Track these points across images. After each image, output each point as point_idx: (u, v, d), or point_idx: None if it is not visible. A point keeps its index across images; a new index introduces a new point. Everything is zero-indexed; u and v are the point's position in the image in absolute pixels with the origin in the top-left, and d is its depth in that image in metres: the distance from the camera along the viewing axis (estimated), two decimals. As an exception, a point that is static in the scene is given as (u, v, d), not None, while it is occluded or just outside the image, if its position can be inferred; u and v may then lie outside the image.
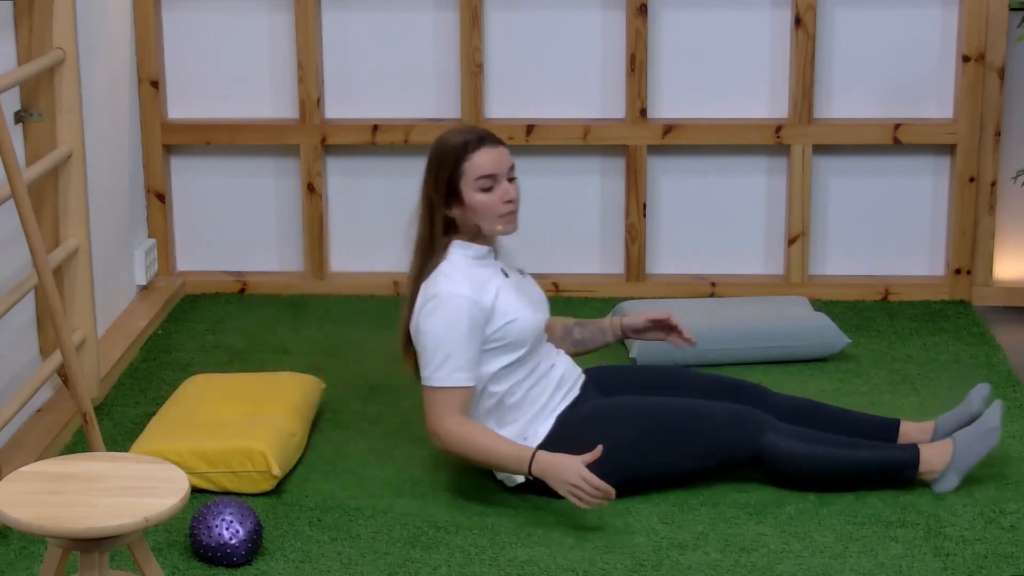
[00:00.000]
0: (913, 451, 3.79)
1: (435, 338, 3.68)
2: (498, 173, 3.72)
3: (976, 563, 3.48)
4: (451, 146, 3.73)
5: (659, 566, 3.48)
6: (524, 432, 3.79)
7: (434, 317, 3.68)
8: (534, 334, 3.78)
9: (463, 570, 3.47)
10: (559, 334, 4.06)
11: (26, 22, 4.14)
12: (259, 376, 4.37)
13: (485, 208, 3.71)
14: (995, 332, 5.02)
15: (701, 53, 5.31)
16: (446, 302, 3.67)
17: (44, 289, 3.50)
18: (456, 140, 3.74)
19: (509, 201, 3.73)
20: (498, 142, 3.76)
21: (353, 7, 5.33)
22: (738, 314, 4.83)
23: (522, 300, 3.80)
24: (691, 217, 5.42)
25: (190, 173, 5.47)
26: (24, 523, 2.70)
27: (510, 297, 3.76)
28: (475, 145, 3.71)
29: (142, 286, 5.29)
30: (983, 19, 5.12)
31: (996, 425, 3.79)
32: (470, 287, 3.70)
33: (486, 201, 3.71)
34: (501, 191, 3.72)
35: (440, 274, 3.72)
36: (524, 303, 3.79)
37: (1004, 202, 5.33)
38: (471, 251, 3.77)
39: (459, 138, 3.74)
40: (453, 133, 3.78)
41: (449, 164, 3.72)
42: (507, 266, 3.88)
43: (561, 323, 4.08)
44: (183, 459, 3.77)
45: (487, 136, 3.75)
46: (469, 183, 3.71)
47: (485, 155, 3.71)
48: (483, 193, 3.71)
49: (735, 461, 3.79)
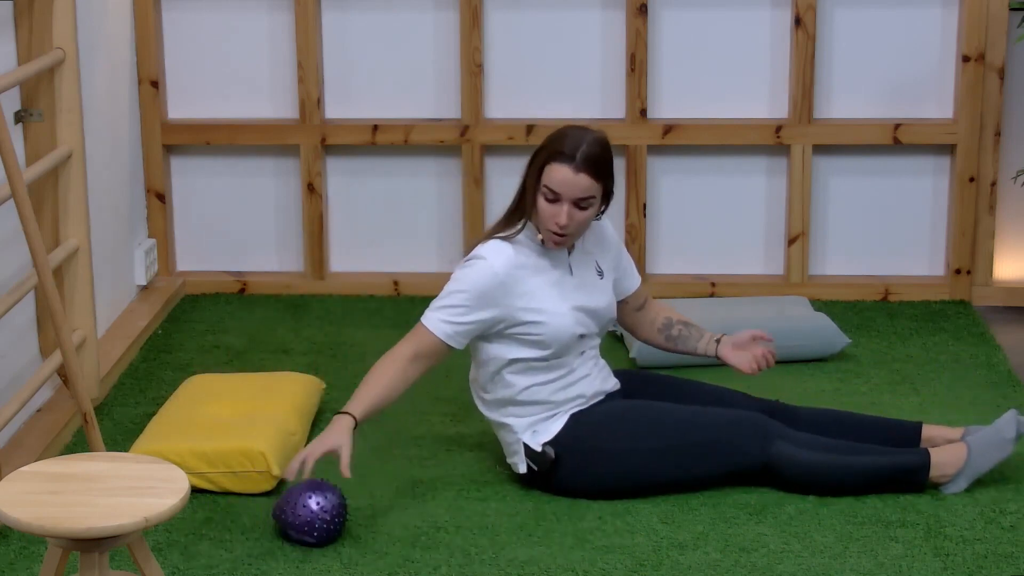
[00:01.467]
0: (924, 455, 3.79)
1: (452, 283, 3.75)
2: (563, 195, 3.68)
3: (976, 563, 3.48)
4: (550, 143, 3.71)
5: (659, 566, 3.48)
6: (535, 426, 3.80)
7: (463, 270, 3.75)
8: (563, 340, 3.78)
9: (463, 570, 3.47)
10: (658, 323, 4.05)
11: (26, 22, 4.14)
12: (259, 376, 4.37)
13: (541, 214, 3.73)
14: (995, 332, 5.02)
15: (701, 53, 5.31)
16: (478, 265, 3.73)
17: (44, 289, 3.50)
18: (558, 141, 3.70)
19: (559, 224, 3.70)
20: (584, 168, 3.66)
21: (353, 7, 5.33)
22: (738, 314, 4.82)
23: (566, 303, 3.78)
24: (691, 217, 5.42)
25: (190, 173, 5.47)
26: (24, 523, 2.70)
27: (553, 295, 3.76)
28: (563, 158, 3.67)
29: (142, 286, 5.29)
30: (983, 19, 5.12)
31: (1012, 437, 3.79)
32: (507, 265, 3.71)
33: (543, 208, 3.72)
34: (557, 210, 3.69)
35: (496, 241, 3.76)
36: (566, 306, 3.78)
37: (1004, 202, 5.33)
38: (534, 237, 3.78)
39: (560, 141, 3.69)
40: (566, 133, 3.72)
41: (539, 157, 3.73)
42: (581, 262, 3.85)
43: (665, 314, 4.06)
44: (183, 459, 3.77)
45: (580, 156, 3.66)
46: (539, 184, 3.72)
47: (561, 172, 3.67)
48: (545, 201, 3.71)
49: (744, 469, 3.79)
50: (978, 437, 3.81)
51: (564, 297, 3.78)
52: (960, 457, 3.78)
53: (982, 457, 3.78)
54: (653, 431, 3.77)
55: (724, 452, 3.77)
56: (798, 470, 3.76)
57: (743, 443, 3.76)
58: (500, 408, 3.83)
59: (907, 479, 3.78)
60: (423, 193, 5.44)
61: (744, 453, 3.76)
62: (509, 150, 5.36)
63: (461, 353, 4.84)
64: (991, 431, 3.81)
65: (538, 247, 3.79)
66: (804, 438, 3.79)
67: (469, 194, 5.36)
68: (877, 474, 3.77)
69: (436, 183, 5.43)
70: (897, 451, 3.82)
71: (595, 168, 3.67)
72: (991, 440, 3.80)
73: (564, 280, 3.80)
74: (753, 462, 3.77)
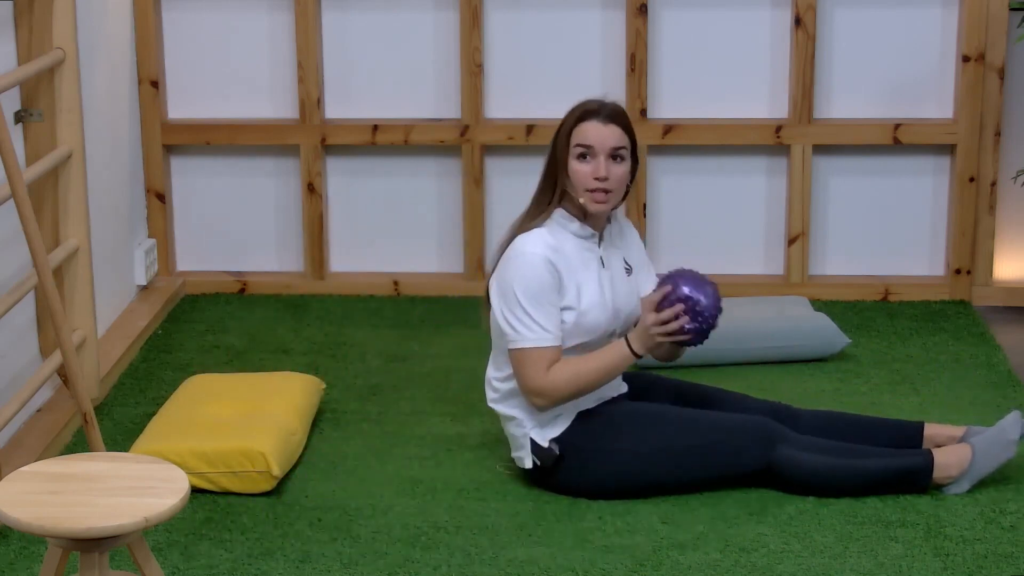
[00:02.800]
0: (927, 457, 3.77)
1: (519, 295, 3.69)
2: (596, 146, 3.70)
3: (976, 563, 3.48)
4: (573, 111, 3.74)
5: (659, 566, 3.48)
6: (544, 421, 3.79)
7: (520, 276, 3.69)
8: (596, 334, 3.78)
9: (463, 570, 3.47)
10: None
11: (26, 22, 4.14)
12: (259, 376, 4.37)
13: (576, 177, 3.71)
14: (995, 332, 5.02)
15: (701, 53, 5.31)
16: (532, 263, 3.69)
17: (44, 289, 3.50)
18: (580, 105, 3.74)
19: (599, 178, 3.70)
20: (613, 120, 3.71)
21: (353, 7, 5.33)
22: (738, 314, 4.82)
23: (603, 297, 3.78)
24: (691, 217, 5.42)
25: (190, 173, 5.47)
26: (24, 523, 2.70)
27: (591, 289, 3.76)
28: (587, 115, 3.71)
29: (142, 286, 5.28)
30: (983, 19, 5.12)
31: (1015, 439, 3.77)
32: (550, 250, 3.70)
33: (578, 170, 3.71)
34: (594, 165, 3.71)
35: (535, 233, 3.73)
36: (603, 301, 3.77)
37: (1004, 202, 5.33)
38: (573, 226, 3.76)
39: (584, 105, 3.74)
40: (587, 100, 3.77)
41: (562, 126, 3.73)
42: (611, 256, 3.85)
43: None
44: (183, 459, 3.77)
45: (603, 111, 3.72)
46: (569, 148, 3.71)
47: (592, 126, 3.70)
48: (578, 161, 3.71)
49: (747, 473, 3.78)
50: (982, 438, 3.80)
51: (604, 288, 3.79)
52: (964, 458, 3.77)
53: (986, 458, 3.77)
54: (656, 434, 3.77)
55: (727, 455, 3.76)
56: (800, 473, 3.75)
57: (746, 447, 3.75)
58: (513, 399, 3.82)
59: (911, 481, 3.77)
60: (423, 193, 5.44)
61: (746, 457, 3.76)
62: (509, 150, 5.36)
63: (461, 354, 4.86)
64: (995, 432, 3.80)
65: (572, 235, 3.77)
66: (806, 441, 3.79)
67: (469, 194, 5.36)
68: (880, 476, 3.76)
69: (436, 183, 5.43)
70: (900, 453, 3.81)
71: (623, 120, 3.73)
72: (995, 441, 3.78)
73: (602, 272, 3.80)
74: (755, 466, 3.77)
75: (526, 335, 3.69)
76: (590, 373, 3.71)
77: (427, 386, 4.56)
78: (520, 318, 3.69)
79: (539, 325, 3.69)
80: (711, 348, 4.67)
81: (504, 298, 3.72)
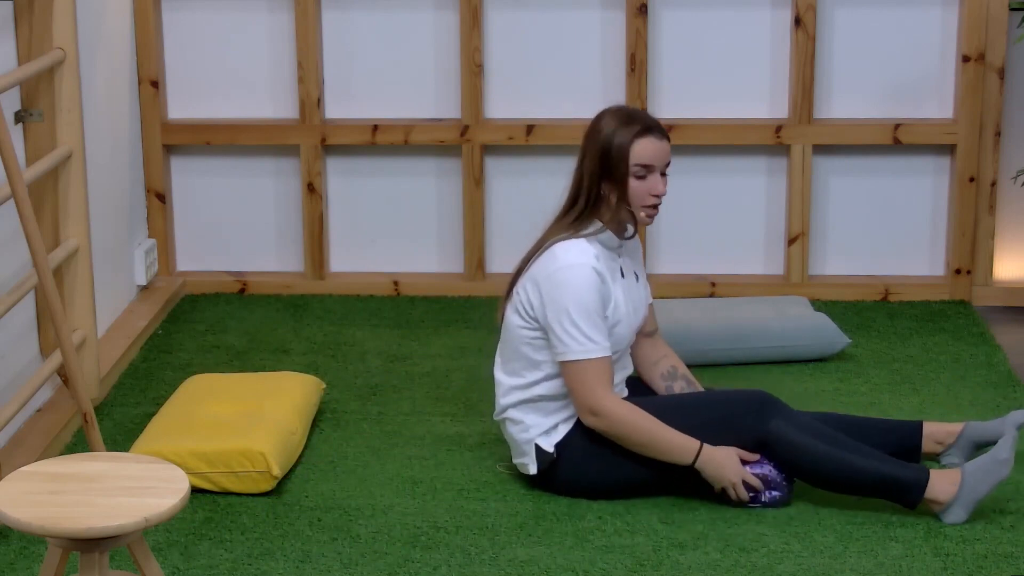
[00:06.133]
0: (923, 475, 3.67)
1: (573, 309, 3.68)
2: (656, 165, 3.73)
3: (976, 563, 3.48)
4: (621, 126, 3.74)
5: (659, 566, 3.48)
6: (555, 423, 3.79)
7: (570, 288, 3.69)
8: (622, 344, 3.80)
9: (463, 570, 3.47)
10: (662, 368, 4.01)
11: (26, 22, 4.14)
12: (259, 376, 4.37)
13: (635, 195, 3.73)
14: (995, 332, 5.02)
15: (701, 53, 5.31)
16: (581, 274, 3.69)
17: (44, 289, 3.50)
18: (627, 122, 3.74)
19: (656, 195, 3.74)
20: (664, 135, 3.76)
21: (353, 7, 5.33)
22: (738, 314, 4.82)
23: (628, 308, 3.80)
24: (691, 217, 5.42)
25: (190, 173, 5.47)
26: (24, 523, 2.70)
27: (620, 300, 3.78)
28: (643, 132, 3.72)
29: (142, 286, 5.29)
30: (983, 19, 5.12)
31: (1007, 457, 3.65)
32: (596, 262, 3.71)
33: (637, 188, 3.73)
34: (652, 182, 3.74)
35: (576, 245, 3.73)
36: (628, 312, 3.80)
37: (1004, 202, 5.33)
38: (605, 236, 3.77)
39: (630, 120, 3.74)
40: (624, 112, 3.78)
41: (615, 143, 3.72)
42: (627, 266, 3.87)
43: (672, 362, 4.03)
44: (183, 459, 3.77)
45: (656, 126, 3.76)
46: (628, 167, 3.72)
47: (650, 144, 3.73)
48: (637, 180, 3.73)
49: (743, 443, 3.74)
50: (974, 463, 3.67)
51: (627, 301, 3.81)
52: (954, 486, 3.65)
53: (977, 485, 3.64)
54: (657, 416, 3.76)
55: (724, 430, 3.73)
56: (789, 452, 3.70)
57: (742, 421, 3.72)
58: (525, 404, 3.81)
59: (900, 492, 3.67)
60: (423, 193, 5.44)
61: (741, 426, 3.72)
62: (509, 150, 5.36)
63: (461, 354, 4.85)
64: (987, 457, 3.67)
65: (603, 247, 3.77)
66: (805, 421, 3.74)
67: (469, 194, 5.36)
68: (869, 478, 3.67)
69: (436, 183, 5.43)
70: (898, 462, 3.71)
71: (667, 133, 3.79)
72: (987, 465, 3.65)
73: (622, 282, 3.82)
74: (750, 435, 3.72)
75: (578, 348, 3.69)
76: (653, 438, 3.69)
77: (427, 386, 4.56)
78: (570, 331, 3.68)
79: (589, 338, 3.68)
80: (712, 348, 4.69)
81: (555, 309, 3.70)
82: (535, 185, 5.26)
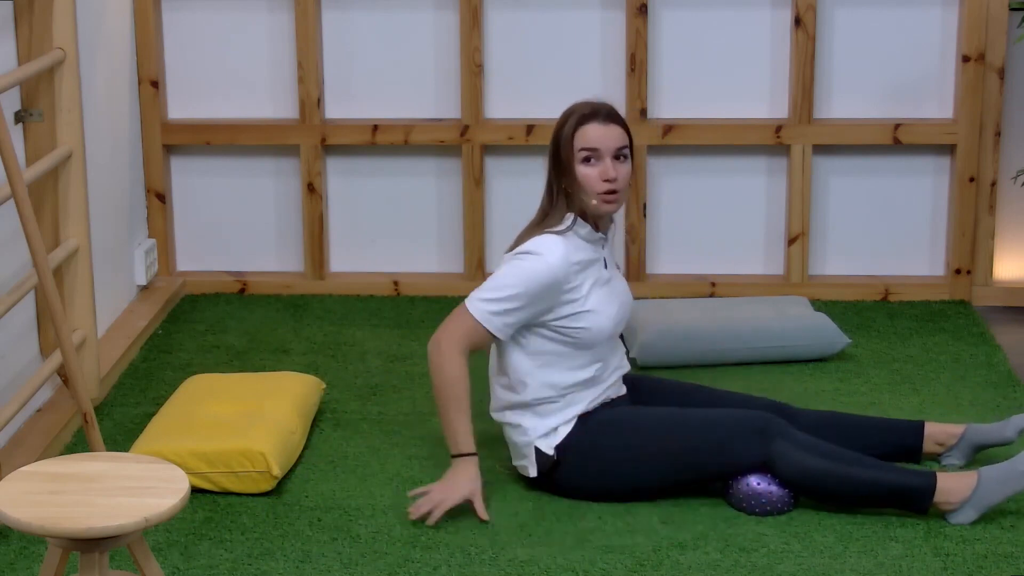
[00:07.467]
0: (931, 479, 3.64)
1: (505, 279, 3.71)
2: (602, 148, 3.72)
3: (976, 563, 3.48)
4: (566, 115, 3.76)
5: (659, 566, 3.48)
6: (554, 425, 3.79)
7: (519, 263, 3.71)
8: (604, 336, 3.78)
9: (463, 570, 3.47)
10: None
11: (26, 22, 4.14)
12: (259, 376, 4.37)
13: (584, 181, 3.72)
14: (995, 332, 5.02)
15: (701, 53, 5.31)
16: (537, 260, 3.69)
17: (44, 289, 3.50)
18: (575, 109, 3.76)
19: (609, 179, 3.72)
20: (612, 120, 3.75)
21: (353, 7, 5.33)
22: (738, 314, 4.82)
23: (608, 302, 3.80)
24: (691, 217, 5.42)
25: (190, 173, 5.47)
26: (24, 523, 2.70)
27: (601, 294, 3.77)
28: (587, 118, 3.73)
29: (142, 286, 5.29)
30: (983, 19, 5.12)
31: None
32: (563, 261, 3.70)
33: (587, 174, 3.72)
34: (602, 167, 3.72)
35: (552, 237, 3.73)
36: (610, 306, 3.79)
37: (1004, 202, 5.33)
38: (584, 230, 3.76)
39: (579, 108, 3.76)
40: (576, 104, 3.79)
41: (560, 133, 3.75)
42: (610, 258, 3.88)
43: None
44: (183, 459, 3.77)
45: (602, 111, 3.75)
46: (573, 154, 3.72)
47: (593, 129, 3.72)
48: (585, 165, 3.72)
49: (746, 468, 3.73)
50: (992, 469, 3.66)
51: (610, 296, 3.80)
52: (968, 487, 3.63)
53: (993, 490, 3.63)
54: (655, 435, 3.76)
55: (725, 454, 3.73)
56: (795, 472, 3.69)
57: (743, 441, 3.72)
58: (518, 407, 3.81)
59: (909, 500, 3.65)
60: (423, 193, 5.44)
61: (745, 454, 3.72)
62: (509, 150, 5.36)
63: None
64: (1007, 466, 3.65)
65: (584, 240, 3.77)
66: (808, 441, 3.71)
67: (469, 194, 5.36)
68: (877, 490, 3.66)
69: (436, 183, 5.43)
70: (903, 470, 3.70)
71: (620, 119, 3.77)
72: (1006, 472, 3.63)
73: (604, 274, 3.81)
74: (753, 460, 3.71)
75: (478, 300, 3.72)
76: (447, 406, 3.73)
77: (427, 386, 4.56)
78: (489, 285, 3.72)
79: (490, 303, 3.70)
80: (712, 348, 4.69)
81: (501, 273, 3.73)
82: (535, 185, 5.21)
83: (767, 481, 3.70)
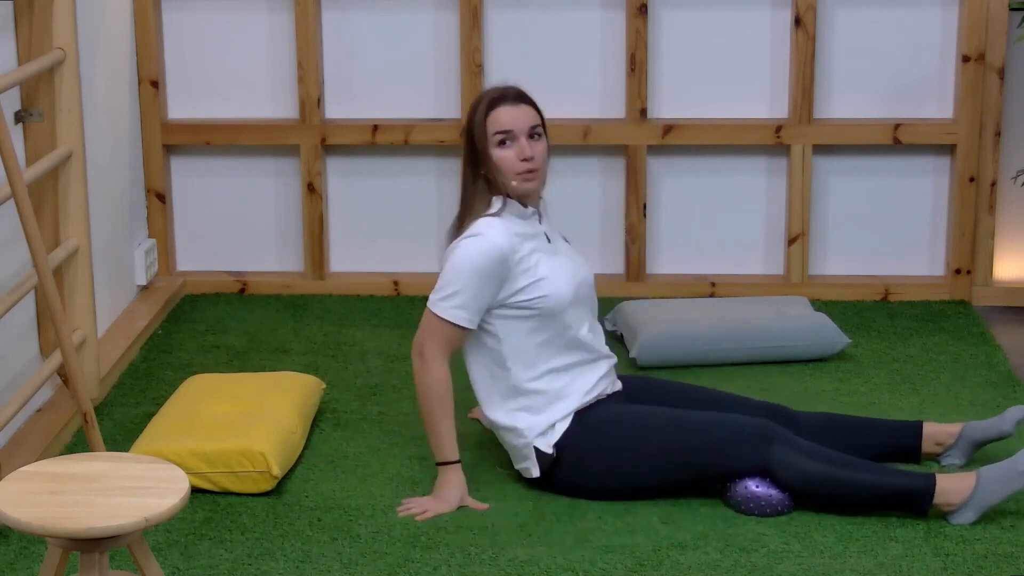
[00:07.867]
0: (930, 481, 3.64)
1: (454, 269, 3.74)
2: (515, 129, 3.75)
3: (976, 563, 3.48)
4: (476, 103, 3.81)
5: (659, 566, 3.48)
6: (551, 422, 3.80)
7: (463, 250, 3.74)
8: (566, 301, 3.79)
9: (463, 570, 3.47)
10: None
11: (26, 22, 4.14)
12: (259, 376, 4.37)
13: (502, 163, 3.75)
14: (995, 332, 5.02)
15: (701, 53, 5.31)
16: (481, 240, 3.72)
17: (44, 289, 3.50)
18: (483, 96, 3.81)
19: (526, 159, 3.74)
20: (522, 100, 3.79)
21: (353, 7, 5.33)
22: (738, 314, 4.82)
23: (561, 268, 3.81)
24: (691, 217, 5.42)
25: (190, 173, 5.47)
26: (24, 523, 2.70)
27: (548, 261, 3.79)
28: (495, 102, 3.77)
29: (142, 286, 5.29)
30: (983, 19, 5.12)
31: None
32: (505, 239, 3.72)
33: (503, 156, 3.75)
34: (518, 148, 3.75)
35: (483, 220, 3.76)
36: (563, 271, 3.80)
37: (1004, 202, 5.33)
38: (513, 208, 3.79)
39: (487, 95, 3.80)
40: (486, 91, 3.85)
41: (472, 121, 3.78)
42: (551, 231, 3.89)
43: None
44: (183, 459, 3.77)
45: (510, 93, 3.79)
46: (488, 138, 3.75)
47: (504, 112, 3.76)
48: (500, 148, 3.75)
49: (744, 473, 3.72)
50: (991, 468, 3.66)
51: (562, 264, 3.82)
52: (967, 488, 3.63)
53: (992, 490, 3.62)
54: (654, 436, 3.75)
55: (724, 457, 3.73)
56: (795, 477, 3.68)
57: (742, 447, 3.72)
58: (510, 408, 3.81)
59: (909, 502, 3.65)
60: (423, 193, 5.44)
61: (743, 457, 3.71)
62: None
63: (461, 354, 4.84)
64: (1006, 465, 3.65)
65: (516, 217, 3.79)
66: (806, 446, 3.71)
67: (469, 194, 5.35)
68: (876, 493, 3.65)
69: (436, 183, 5.43)
70: (902, 472, 3.70)
71: (529, 99, 3.82)
72: (1004, 473, 3.63)
73: (548, 247, 3.83)
74: (752, 466, 3.72)
75: (439, 300, 3.75)
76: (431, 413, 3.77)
77: (427, 386, 4.56)
78: (444, 280, 3.75)
79: (461, 302, 3.73)
80: (712, 348, 4.69)
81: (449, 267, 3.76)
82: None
83: (765, 484, 3.70)
